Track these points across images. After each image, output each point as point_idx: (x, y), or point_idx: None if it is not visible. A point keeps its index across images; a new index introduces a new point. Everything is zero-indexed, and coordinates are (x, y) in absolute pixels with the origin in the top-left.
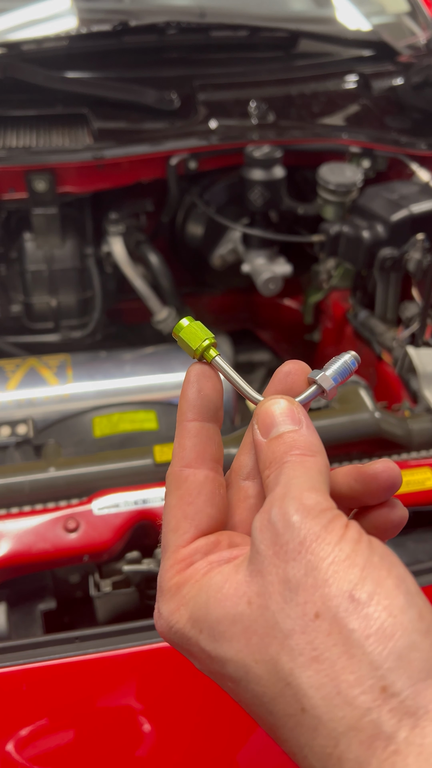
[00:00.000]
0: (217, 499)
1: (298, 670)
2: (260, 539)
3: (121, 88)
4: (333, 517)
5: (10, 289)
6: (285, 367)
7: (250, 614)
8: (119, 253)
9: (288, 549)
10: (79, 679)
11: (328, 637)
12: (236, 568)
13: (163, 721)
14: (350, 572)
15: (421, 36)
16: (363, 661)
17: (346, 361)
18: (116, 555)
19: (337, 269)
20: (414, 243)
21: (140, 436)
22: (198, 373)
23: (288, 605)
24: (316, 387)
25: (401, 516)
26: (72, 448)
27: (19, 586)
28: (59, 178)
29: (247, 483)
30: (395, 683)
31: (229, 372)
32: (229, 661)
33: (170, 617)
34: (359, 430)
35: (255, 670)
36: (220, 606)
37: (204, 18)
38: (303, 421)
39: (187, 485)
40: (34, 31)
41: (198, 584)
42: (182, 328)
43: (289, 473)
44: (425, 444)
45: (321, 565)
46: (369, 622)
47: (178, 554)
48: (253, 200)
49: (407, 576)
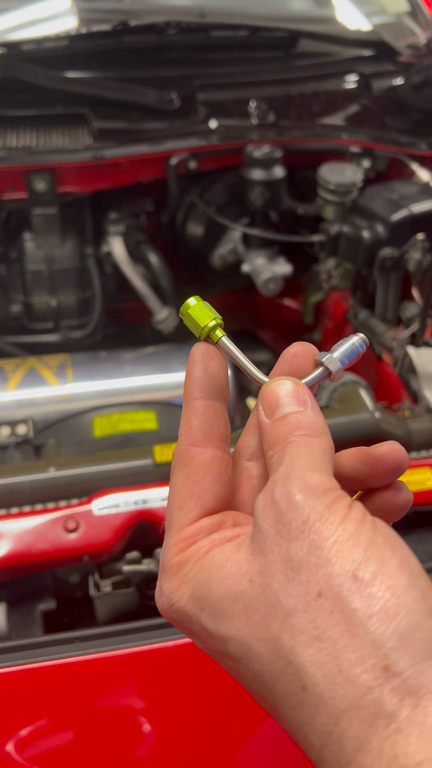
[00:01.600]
0: (223, 479)
1: (299, 648)
2: (263, 518)
3: (121, 88)
4: (337, 496)
5: (10, 289)
6: (292, 348)
7: (252, 592)
8: (119, 253)
9: (291, 528)
10: (79, 679)
11: (331, 615)
12: (238, 547)
13: (163, 721)
14: (353, 552)
15: (421, 36)
16: (365, 640)
17: (354, 344)
18: (116, 555)
19: (337, 269)
20: (414, 243)
21: (140, 436)
22: (203, 352)
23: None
24: (323, 369)
25: (406, 499)
26: (72, 448)
27: (19, 586)
28: (59, 178)
29: (250, 463)
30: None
31: (235, 353)
32: (230, 639)
33: (172, 595)
34: (359, 430)
35: (256, 649)
36: (222, 584)
37: (204, 18)
38: (308, 402)
39: (194, 464)
40: (34, 31)
41: (200, 562)
42: (189, 306)
43: (293, 453)
44: (425, 444)
45: (324, 545)
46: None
47: (182, 532)
48: (253, 200)
49: (411, 556)
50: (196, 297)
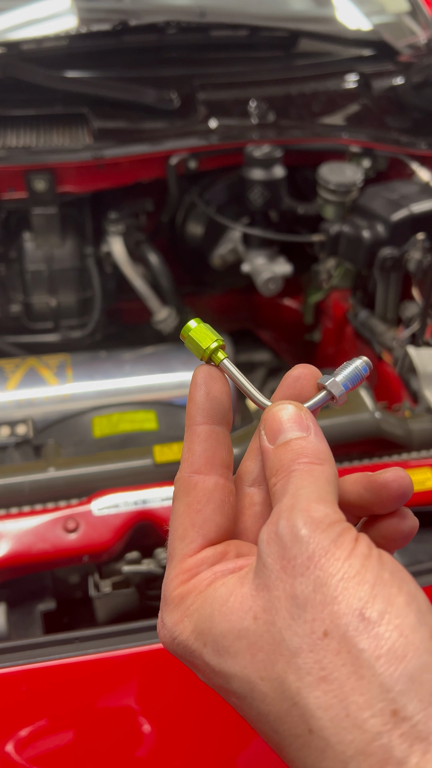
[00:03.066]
0: (226, 508)
1: (305, 689)
2: (267, 552)
3: (121, 88)
4: (342, 530)
5: (9, 289)
6: (294, 371)
7: (256, 630)
8: (119, 252)
9: (296, 564)
10: (79, 679)
11: (337, 656)
12: (241, 581)
13: (163, 721)
14: (360, 589)
15: (422, 35)
16: (373, 683)
17: (357, 367)
18: (116, 555)
19: (337, 269)
20: (414, 243)
21: (140, 436)
22: (205, 375)
23: (295, 622)
24: (326, 393)
25: (412, 526)
26: (72, 448)
27: (19, 586)
28: (59, 178)
29: (252, 489)
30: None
31: (237, 375)
32: (234, 677)
33: (174, 628)
34: (359, 430)
35: (260, 688)
36: (225, 620)
37: (204, 17)
38: (311, 427)
39: (196, 492)
40: (34, 31)
41: (203, 595)
42: (191, 329)
43: (296, 483)
44: (425, 444)
45: (330, 582)
46: (379, 642)
47: (184, 564)
48: (253, 200)
49: (418, 592)
50: (196, 319)
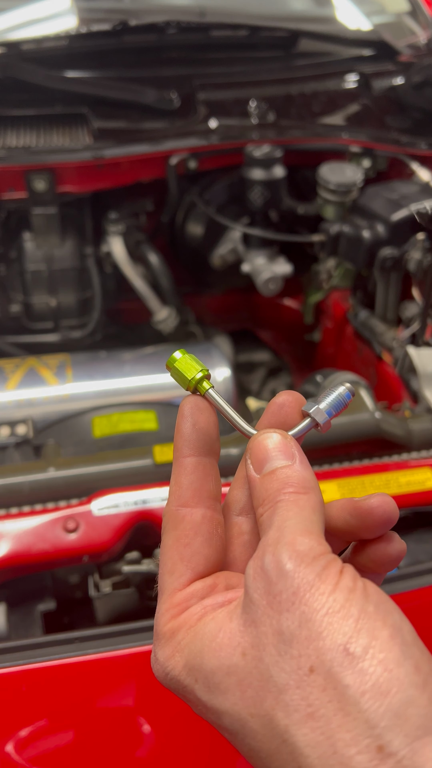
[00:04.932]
0: (214, 539)
1: (293, 727)
2: (254, 588)
3: (121, 88)
4: (327, 563)
5: (9, 289)
6: (279, 398)
7: (245, 666)
8: (119, 252)
9: (281, 599)
10: (79, 679)
11: (323, 692)
12: (230, 615)
13: (163, 721)
14: (344, 624)
15: (422, 35)
16: (359, 719)
17: (341, 394)
18: (116, 555)
19: (337, 269)
20: (414, 243)
21: (140, 436)
22: (192, 406)
23: (282, 658)
24: (310, 420)
25: (400, 550)
26: (72, 448)
27: (19, 586)
28: (59, 178)
29: (240, 518)
30: (392, 742)
31: (222, 405)
32: (225, 714)
33: (166, 663)
34: (359, 430)
35: (251, 725)
36: (215, 656)
37: (204, 17)
38: (296, 455)
39: (184, 525)
40: (34, 31)
41: (193, 630)
42: (176, 360)
43: (282, 514)
44: (425, 444)
45: (315, 617)
46: (364, 678)
47: (174, 598)
48: (253, 200)
49: (403, 624)
50: (181, 350)
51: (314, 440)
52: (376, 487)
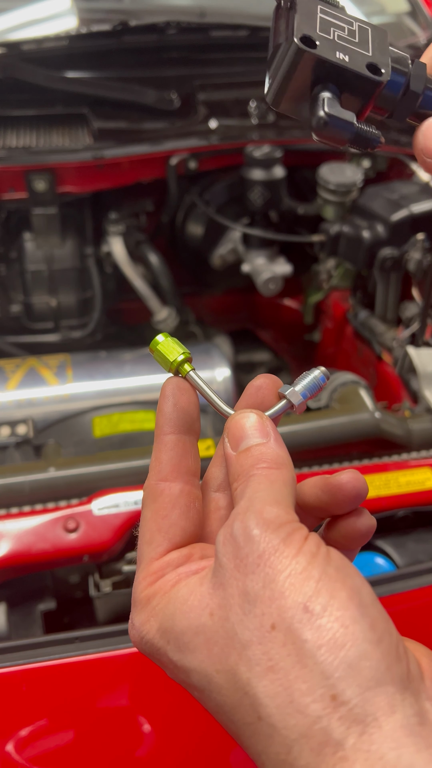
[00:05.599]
0: (191, 513)
1: (254, 679)
2: (223, 552)
3: (121, 88)
4: (293, 530)
5: (10, 289)
6: (256, 381)
7: (212, 625)
8: (119, 253)
9: (248, 562)
10: (79, 679)
11: (283, 647)
12: (201, 580)
13: (163, 721)
14: (306, 585)
15: (421, 36)
16: (314, 671)
17: (316, 377)
18: (116, 555)
19: (337, 269)
20: (414, 243)
21: (140, 436)
22: (173, 387)
23: (246, 617)
24: (286, 402)
25: (368, 524)
26: (72, 448)
27: (19, 586)
28: (59, 178)
29: (218, 494)
30: (345, 691)
31: (202, 386)
32: (193, 671)
33: (141, 628)
34: (359, 430)
35: (216, 680)
36: (185, 617)
37: (204, 18)
38: (271, 434)
39: (162, 498)
40: (35, 31)
41: (167, 596)
42: (158, 343)
43: (254, 486)
44: (425, 444)
45: (278, 578)
46: (321, 633)
47: (150, 566)
48: (253, 200)
49: (363, 587)
50: (164, 334)
51: (315, 440)
52: (376, 487)
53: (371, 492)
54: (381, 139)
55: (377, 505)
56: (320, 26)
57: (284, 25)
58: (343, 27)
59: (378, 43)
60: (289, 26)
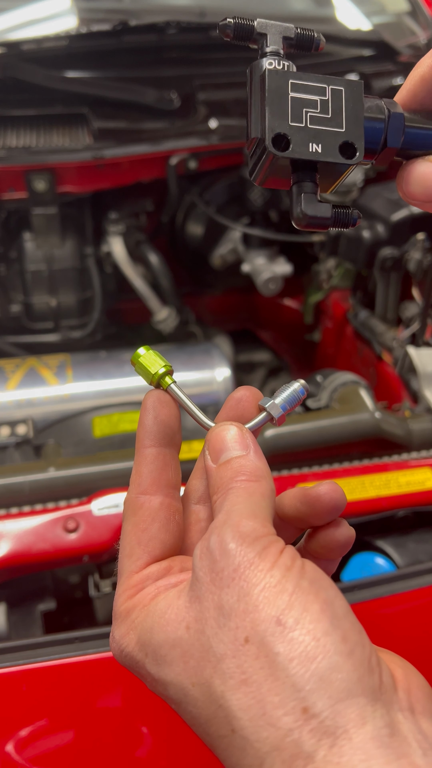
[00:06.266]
0: (171, 525)
1: (228, 692)
2: (199, 566)
3: (121, 88)
4: (268, 543)
5: (10, 289)
6: (237, 393)
7: (188, 639)
8: (119, 253)
9: (223, 576)
10: (79, 679)
11: (256, 660)
12: (179, 594)
13: (163, 721)
14: (279, 598)
15: (422, 36)
16: (286, 683)
17: (296, 389)
18: (116, 555)
19: (337, 269)
20: (414, 243)
21: None
22: (154, 400)
23: (221, 630)
24: (266, 414)
25: (347, 535)
26: (72, 448)
27: (19, 586)
28: (59, 178)
29: (198, 507)
30: (316, 704)
31: (183, 399)
32: (170, 684)
33: (121, 641)
34: (359, 430)
35: (192, 693)
36: (163, 631)
37: (204, 17)
38: (251, 446)
39: (142, 512)
40: (34, 31)
41: (146, 609)
42: (140, 356)
43: (232, 500)
44: (425, 444)
45: (252, 591)
46: (293, 646)
47: (130, 580)
48: (253, 200)
49: (336, 599)
50: (145, 347)
51: (315, 440)
52: (376, 487)
53: (372, 492)
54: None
55: (377, 505)
56: (292, 113)
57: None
58: (315, 101)
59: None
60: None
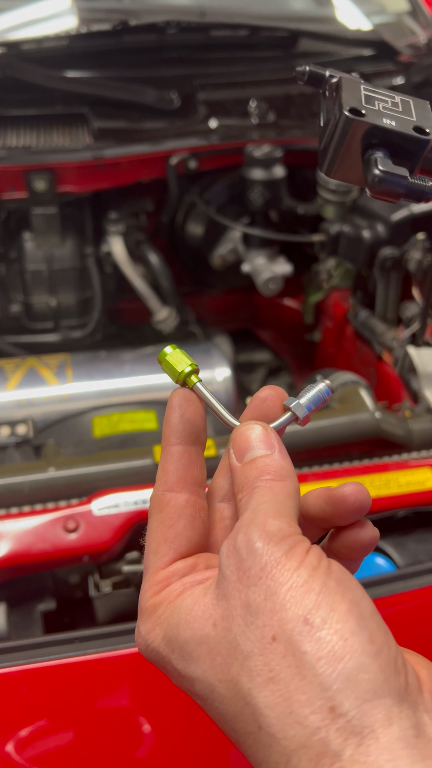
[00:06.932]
0: (196, 523)
1: (255, 690)
2: (226, 564)
3: (121, 88)
4: (295, 542)
5: (10, 289)
6: (262, 393)
7: (215, 636)
8: (119, 252)
9: (250, 574)
10: (79, 679)
11: (283, 658)
12: (205, 591)
13: (163, 721)
14: (306, 597)
15: (422, 35)
16: (314, 682)
17: (321, 390)
18: (116, 555)
19: (337, 269)
20: (414, 243)
21: (140, 436)
22: (180, 398)
23: (248, 628)
24: (291, 414)
25: (371, 536)
26: (72, 448)
27: (19, 586)
28: (59, 178)
29: (222, 504)
30: (343, 703)
31: (209, 398)
32: (197, 680)
33: (147, 636)
34: (359, 430)
35: (218, 690)
36: (189, 627)
37: (204, 17)
38: (276, 446)
39: (168, 509)
40: (34, 31)
41: (172, 605)
42: (166, 354)
43: (258, 498)
44: (425, 444)
45: (279, 590)
46: (320, 645)
47: (156, 576)
48: (253, 200)
49: (362, 600)
50: (172, 345)
51: (315, 440)
52: (376, 487)
53: (372, 492)
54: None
55: (377, 505)
56: (365, 100)
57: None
58: (386, 100)
59: (421, 111)
60: (337, 102)
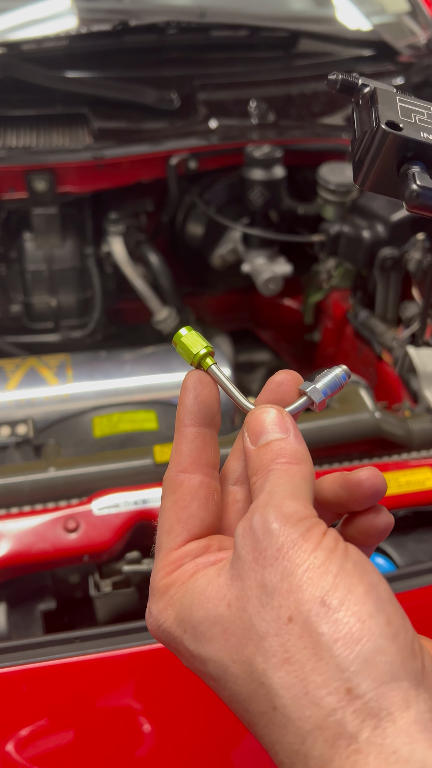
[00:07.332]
0: (210, 504)
1: (270, 670)
2: (242, 545)
3: (121, 88)
4: (311, 525)
5: (10, 289)
6: (277, 376)
7: (230, 616)
8: (119, 252)
9: (266, 555)
10: (79, 679)
11: (300, 640)
12: (219, 572)
13: (163, 721)
14: (323, 579)
15: (422, 36)
16: (330, 664)
17: (337, 375)
18: (116, 555)
19: (337, 269)
20: (414, 243)
21: (140, 436)
22: (195, 380)
23: (264, 609)
24: (306, 398)
25: (387, 522)
26: (72, 448)
27: (19, 586)
28: (59, 178)
29: (236, 488)
30: (360, 685)
31: (223, 380)
32: (210, 660)
33: (159, 616)
34: (359, 430)
35: (232, 670)
36: (203, 607)
37: (204, 18)
38: (291, 430)
39: (182, 490)
40: (34, 31)
41: (185, 586)
42: (181, 336)
43: (273, 481)
44: (425, 444)
45: (296, 572)
46: (338, 627)
47: (169, 556)
48: (253, 200)
49: (380, 583)
50: (187, 327)
51: (315, 440)
52: None
53: None
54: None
55: None
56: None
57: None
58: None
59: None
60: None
